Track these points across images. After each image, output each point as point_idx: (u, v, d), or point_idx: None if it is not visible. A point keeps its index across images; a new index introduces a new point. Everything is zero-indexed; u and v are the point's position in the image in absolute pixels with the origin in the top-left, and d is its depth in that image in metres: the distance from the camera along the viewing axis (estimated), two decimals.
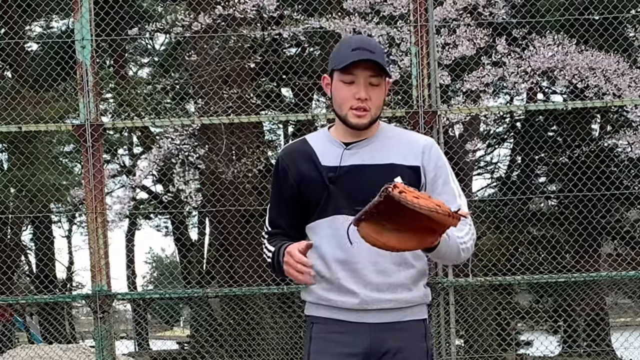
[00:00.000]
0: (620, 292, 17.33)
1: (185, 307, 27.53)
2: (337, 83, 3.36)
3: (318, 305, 3.40)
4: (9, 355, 11.22)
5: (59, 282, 20.58)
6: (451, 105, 10.66)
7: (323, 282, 3.37)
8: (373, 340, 3.33)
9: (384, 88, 3.39)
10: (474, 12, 11.33)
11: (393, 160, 3.37)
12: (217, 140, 12.33)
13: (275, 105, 14.59)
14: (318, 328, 3.40)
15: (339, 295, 3.34)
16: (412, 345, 3.37)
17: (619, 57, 11.29)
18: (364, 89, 3.32)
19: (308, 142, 3.47)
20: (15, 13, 13.80)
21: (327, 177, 3.35)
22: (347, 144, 3.40)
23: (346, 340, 3.34)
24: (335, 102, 3.39)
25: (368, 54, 3.29)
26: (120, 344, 17.96)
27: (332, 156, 3.39)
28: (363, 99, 3.32)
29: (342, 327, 3.35)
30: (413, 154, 3.39)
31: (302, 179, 3.39)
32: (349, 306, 3.33)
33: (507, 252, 11.93)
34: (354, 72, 3.31)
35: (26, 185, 11.84)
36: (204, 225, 20.78)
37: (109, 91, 15.63)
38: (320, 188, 3.36)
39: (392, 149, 3.40)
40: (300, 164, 3.41)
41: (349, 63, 3.29)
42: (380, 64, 3.31)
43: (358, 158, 3.37)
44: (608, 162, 14.20)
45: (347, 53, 3.30)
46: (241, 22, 12.14)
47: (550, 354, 13.85)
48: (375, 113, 3.37)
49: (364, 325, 3.33)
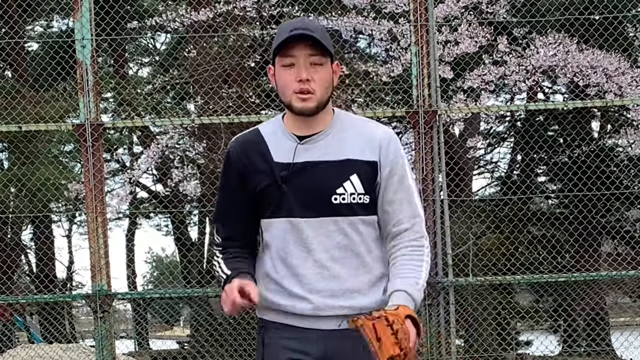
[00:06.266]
0: (620, 291, 17.33)
1: (185, 306, 27.51)
2: (279, 70, 3.14)
3: (269, 309, 3.22)
4: (9, 355, 11.21)
5: (59, 281, 20.57)
6: (451, 104, 10.65)
7: (272, 284, 3.19)
8: (327, 347, 3.14)
9: (330, 69, 3.16)
10: (475, 10, 11.33)
11: (349, 156, 3.15)
12: (217, 140, 12.33)
13: (275, 105, 14.58)
14: (270, 333, 3.22)
15: (290, 300, 3.16)
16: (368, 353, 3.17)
17: (619, 57, 11.29)
18: (304, 70, 3.10)
19: (261, 134, 3.24)
20: (16, 12, 13.79)
21: (280, 175, 3.13)
22: (301, 137, 3.17)
23: (300, 347, 3.15)
24: (278, 89, 3.17)
25: (305, 31, 3.08)
26: (121, 344, 17.96)
27: (284, 151, 3.16)
28: (304, 79, 3.10)
29: (294, 333, 3.16)
30: (370, 148, 3.17)
31: (254, 175, 3.18)
32: (299, 311, 3.15)
33: (507, 252, 11.91)
34: (292, 54, 3.10)
35: (26, 184, 11.84)
36: (204, 225, 20.77)
37: (109, 91, 15.62)
38: (272, 187, 3.14)
39: (348, 143, 3.17)
40: (252, 157, 3.20)
41: (284, 42, 3.09)
42: (319, 41, 3.09)
43: (312, 154, 3.15)
44: (608, 161, 14.19)
45: (285, 36, 3.10)
46: (241, 22, 12.13)
47: (550, 353, 13.83)
48: (322, 96, 3.14)
49: (317, 331, 3.14)
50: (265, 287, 3.21)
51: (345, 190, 3.14)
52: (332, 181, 3.11)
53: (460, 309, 11.80)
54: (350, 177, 3.14)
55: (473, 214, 13.75)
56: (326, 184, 3.12)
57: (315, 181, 3.13)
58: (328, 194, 3.12)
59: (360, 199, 3.15)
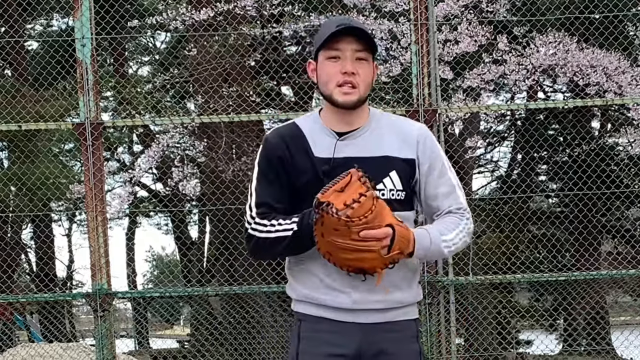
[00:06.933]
0: (621, 290, 17.33)
1: (185, 305, 27.52)
2: (323, 62, 3.19)
3: (306, 302, 3.25)
4: (9, 354, 11.22)
5: (59, 280, 20.59)
6: (452, 102, 10.65)
7: (311, 278, 3.22)
8: (363, 341, 3.19)
9: (372, 67, 3.22)
10: (475, 9, 11.33)
11: (387, 153, 3.22)
12: (217, 139, 12.33)
13: (275, 104, 14.58)
14: (307, 326, 3.25)
15: (329, 294, 3.19)
16: (404, 346, 3.25)
17: (619, 56, 11.29)
18: (350, 63, 3.15)
19: (299, 127, 3.27)
20: (16, 11, 13.80)
21: (321, 169, 3.17)
22: (340, 134, 3.22)
23: (336, 341, 3.19)
24: (320, 81, 3.20)
25: (352, 25, 3.15)
26: (121, 343, 17.99)
27: (324, 147, 3.20)
28: (350, 73, 3.15)
29: (332, 326, 3.20)
30: (407, 145, 3.25)
31: (295, 167, 3.20)
32: (338, 305, 3.18)
33: (507, 251, 11.90)
34: (339, 47, 3.15)
35: (26, 183, 11.84)
36: (204, 224, 20.77)
37: (109, 89, 15.62)
38: (313, 180, 3.17)
39: (386, 140, 3.24)
40: (293, 151, 3.22)
41: (333, 35, 3.13)
42: (367, 37, 3.15)
43: (352, 150, 3.20)
44: (608, 160, 14.20)
45: (332, 30, 3.15)
46: (241, 20, 12.13)
47: (551, 352, 13.84)
48: (364, 91, 3.19)
49: (355, 325, 3.19)
50: (303, 281, 3.25)
51: (384, 186, 3.20)
52: (372, 177, 3.13)
53: (460, 308, 11.80)
54: (390, 174, 3.21)
55: (473, 213, 13.74)
56: None
57: None
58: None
59: (398, 195, 3.22)
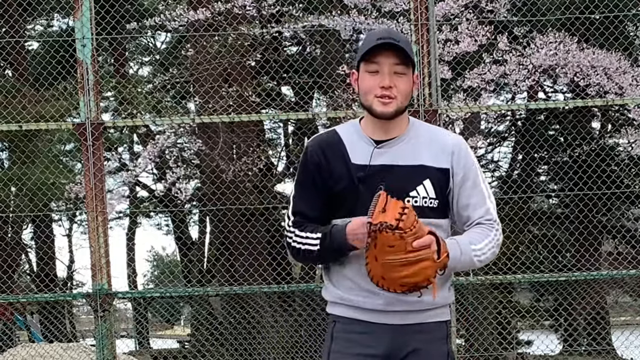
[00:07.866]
0: (621, 290, 17.33)
1: (185, 305, 27.54)
2: (363, 74, 3.33)
3: (340, 304, 3.36)
4: (10, 354, 11.21)
5: (59, 280, 20.58)
6: (452, 102, 10.65)
7: (344, 281, 3.33)
8: (394, 342, 3.29)
9: (411, 80, 3.34)
10: (475, 9, 11.32)
11: (423, 162, 3.33)
12: (217, 139, 12.33)
13: (275, 104, 14.58)
14: (340, 327, 3.36)
15: (362, 295, 3.29)
16: (434, 347, 3.33)
17: (620, 56, 11.28)
18: (388, 77, 3.28)
19: (339, 135, 3.40)
20: (16, 12, 13.79)
21: (357, 176, 3.29)
22: (378, 142, 3.34)
23: (367, 341, 3.30)
24: (361, 92, 3.34)
25: (391, 41, 3.26)
26: (121, 343, 17.96)
27: (361, 154, 3.33)
28: (387, 87, 3.28)
29: (364, 327, 3.31)
30: (443, 155, 3.35)
31: (332, 173, 3.33)
32: (371, 307, 3.29)
33: (507, 251, 11.90)
34: (378, 61, 3.29)
35: (26, 183, 11.83)
36: (205, 224, 20.75)
37: (110, 90, 15.62)
38: (349, 186, 3.30)
39: (423, 149, 3.35)
40: (330, 157, 3.35)
41: (371, 49, 3.26)
42: (404, 52, 3.27)
43: (388, 158, 3.32)
44: (609, 160, 14.20)
45: (372, 44, 3.28)
46: (241, 20, 12.13)
47: (551, 352, 13.83)
48: (402, 102, 3.32)
49: (386, 326, 3.29)
50: (337, 283, 3.36)
51: (418, 194, 3.31)
52: (406, 184, 3.27)
53: (460, 308, 11.80)
54: (424, 182, 3.31)
55: None
56: (400, 187, 3.27)
57: (390, 183, 3.26)
58: (402, 196, 3.24)
59: (431, 202, 3.32)
